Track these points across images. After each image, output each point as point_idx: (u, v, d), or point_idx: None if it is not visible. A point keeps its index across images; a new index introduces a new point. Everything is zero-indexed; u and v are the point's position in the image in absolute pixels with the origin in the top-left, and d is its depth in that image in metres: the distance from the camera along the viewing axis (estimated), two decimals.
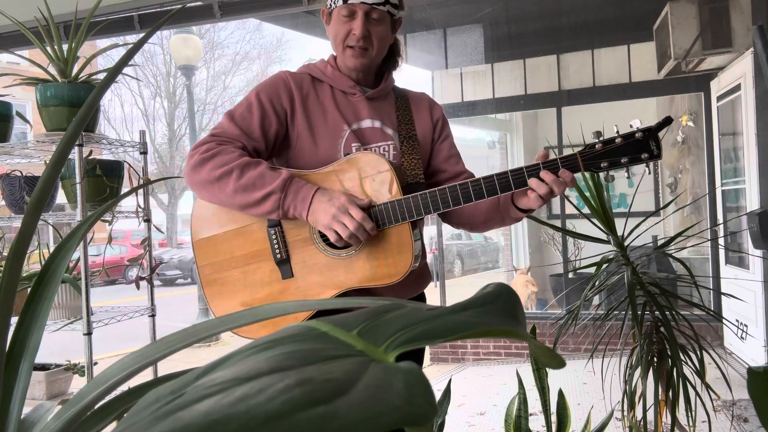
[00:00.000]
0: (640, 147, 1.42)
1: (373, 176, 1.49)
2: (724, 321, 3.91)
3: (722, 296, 4.58)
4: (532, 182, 1.43)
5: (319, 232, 1.50)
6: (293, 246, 1.53)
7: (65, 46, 2.30)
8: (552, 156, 1.46)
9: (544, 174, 1.43)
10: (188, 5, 3.80)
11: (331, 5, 1.58)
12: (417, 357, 1.71)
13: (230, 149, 1.49)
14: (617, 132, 1.44)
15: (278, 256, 1.52)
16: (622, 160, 1.43)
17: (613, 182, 1.48)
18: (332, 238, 1.43)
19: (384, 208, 1.48)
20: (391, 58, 1.71)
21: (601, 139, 1.44)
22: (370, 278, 1.48)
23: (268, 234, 1.53)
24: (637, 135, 1.42)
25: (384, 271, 1.48)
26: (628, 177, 1.48)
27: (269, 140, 1.56)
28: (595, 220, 2.30)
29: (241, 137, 1.52)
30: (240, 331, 1.50)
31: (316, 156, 1.55)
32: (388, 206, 1.47)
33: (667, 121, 1.41)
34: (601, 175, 1.49)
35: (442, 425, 1.59)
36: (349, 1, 1.53)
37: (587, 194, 2.26)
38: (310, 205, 1.44)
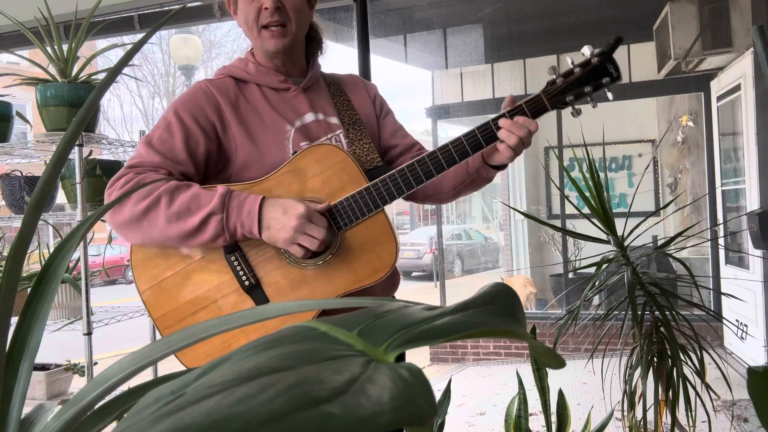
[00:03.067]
0: (600, 72, 1.36)
1: (332, 167, 1.34)
2: (724, 321, 3.91)
3: (722, 296, 4.58)
4: (502, 134, 1.35)
5: None
6: (260, 268, 1.34)
7: (65, 46, 2.30)
8: (517, 102, 1.39)
9: (502, 122, 1.35)
10: (188, 5, 3.80)
11: None
12: (399, 357, 1.65)
13: (152, 176, 1.29)
14: (572, 63, 1.38)
15: (246, 283, 1.33)
16: (586, 89, 1.36)
17: (579, 115, 1.41)
18: (298, 253, 1.28)
19: (352, 202, 1.33)
20: (312, 41, 1.56)
21: (559, 73, 1.38)
22: (354, 281, 1.34)
23: (228, 262, 1.34)
24: (593, 61, 1.35)
25: (368, 268, 1.34)
26: (593, 105, 1.42)
27: (198, 161, 1.36)
28: (595, 220, 2.30)
29: (164, 164, 1.32)
30: (183, 356, 1.33)
31: (264, 165, 1.37)
32: (357, 198, 1.33)
33: (618, 41, 1.35)
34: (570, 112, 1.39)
35: (442, 425, 1.59)
36: None
37: (587, 194, 2.25)
38: (260, 220, 1.26)
